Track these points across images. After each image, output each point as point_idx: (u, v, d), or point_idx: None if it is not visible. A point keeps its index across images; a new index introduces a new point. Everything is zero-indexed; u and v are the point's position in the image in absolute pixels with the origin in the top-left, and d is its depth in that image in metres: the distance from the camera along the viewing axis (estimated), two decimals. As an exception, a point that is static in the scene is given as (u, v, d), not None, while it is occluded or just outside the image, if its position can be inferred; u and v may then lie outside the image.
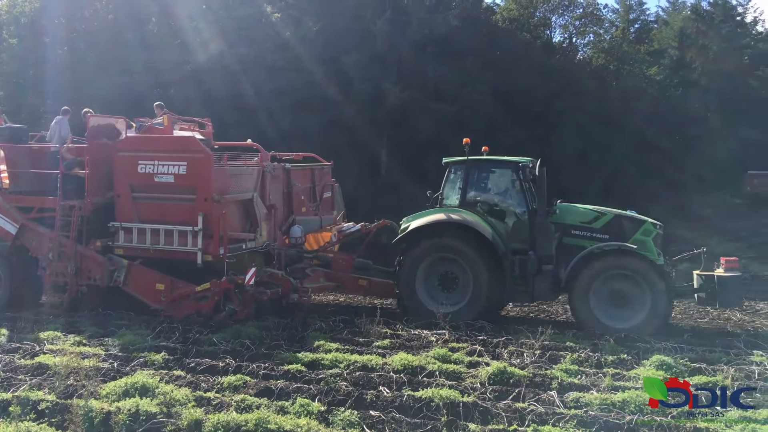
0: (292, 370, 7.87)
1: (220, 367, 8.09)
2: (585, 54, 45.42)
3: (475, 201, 11.68)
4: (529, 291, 11.07)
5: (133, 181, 11.36)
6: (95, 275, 11.56)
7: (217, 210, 10.85)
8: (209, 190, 10.89)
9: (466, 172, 11.73)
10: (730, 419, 6.23)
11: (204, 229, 10.84)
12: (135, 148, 11.59)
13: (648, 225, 11.13)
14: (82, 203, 11.57)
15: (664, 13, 52.25)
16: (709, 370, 7.98)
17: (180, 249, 11.08)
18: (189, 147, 11.34)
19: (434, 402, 6.66)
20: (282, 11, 29.30)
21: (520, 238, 11.35)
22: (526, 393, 7.07)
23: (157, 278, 11.35)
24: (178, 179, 11.08)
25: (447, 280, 11.49)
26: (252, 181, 11.77)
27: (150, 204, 11.34)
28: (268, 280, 11.29)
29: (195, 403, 6.68)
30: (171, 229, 11.08)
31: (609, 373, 7.83)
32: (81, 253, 11.53)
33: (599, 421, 6.21)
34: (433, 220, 11.43)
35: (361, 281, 12.67)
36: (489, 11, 41.83)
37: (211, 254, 10.87)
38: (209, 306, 10.86)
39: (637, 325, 10.15)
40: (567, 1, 44.27)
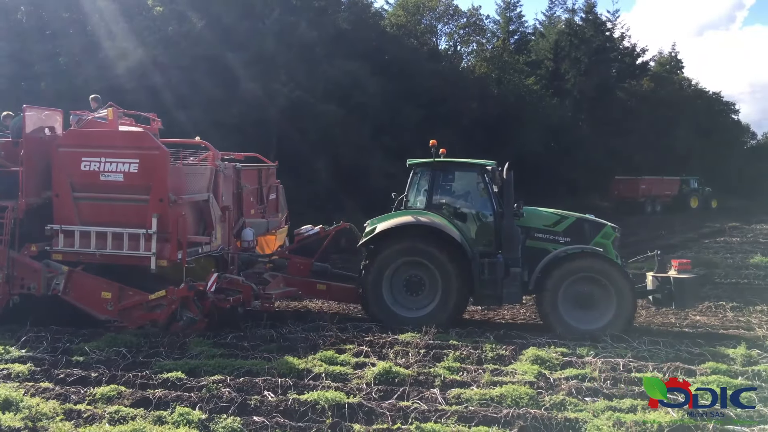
0: (171, 378, 7.58)
1: (92, 378, 7.66)
2: (469, 62, 47.11)
3: (440, 203, 11.49)
4: (497, 294, 10.94)
5: (74, 179, 10.32)
6: (29, 283, 10.47)
7: (173, 211, 10.08)
8: (165, 190, 10.07)
9: (432, 174, 11.51)
10: (597, 408, 6.66)
11: (158, 232, 10.02)
12: (78, 143, 10.48)
13: (608, 228, 11.33)
14: (15, 204, 10.38)
15: (540, 26, 55.27)
16: (579, 363, 8.48)
17: (131, 254, 10.20)
18: (142, 143, 10.41)
19: (320, 404, 6.65)
20: (165, 5, 28.15)
21: (485, 241, 11.26)
22: (410, 392, 7.21)
23: (103, 286, 10.40)
24: (129, 178, 10.16)
25: (413, 284, 11.17)
26: (205, 181, 11.03)
27: (94, 205, 10.36)
28: (227, 286, 10.64)
29: (64, 417, 6.33)
30: (120, 232, 10.18)
31: (489, 369, 8.15)
32: (13, 259, 10.41)
33: (478, 415, 6.45)
34: (401, 223, 11.08)
35: (320, 286, 12.20)
36: (377, 16, 42.42)
37: (166, 259, 10.11)
38: (165, 315, 10.10)
39: (604, 326, 10.24)
40: (452, 11, 45.74)
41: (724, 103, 62.98)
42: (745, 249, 22.57)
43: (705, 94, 60.64)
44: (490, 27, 50.81)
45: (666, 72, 57.33)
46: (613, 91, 49.55)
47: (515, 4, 53.13)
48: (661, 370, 8.11)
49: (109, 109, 11.11)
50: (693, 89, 59.67)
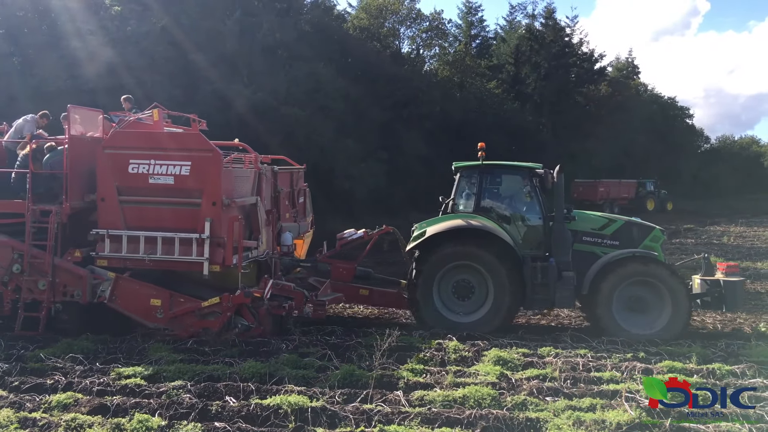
0: (130, 385, 7.44)
1: (48, 385, 7.47)
2: (431, 66, 47.41)
3: (489, 206, 11.30)
4: (549, 298, 10.75)
5: (121, 182, 9.93)
6: (73, 290, 9.99)
7: (226, 215, 9.79)
8: (218, 194, 9.74)
9: (480, 177, 11.31)
10: (558, 408, 6.76)
11: (211, 237, 9.68)
12: (125, 145, 10.02)
13: (657, 231, 11.24)
14: (59, 207, 9.97)
15: (501, 31, 55.98)
16: (540, 363, 8.59)
17: (182, 259, 9.81)
18: (195, 145, 9.99)
19: (282, 409, 6.60)
20: (122, 5, 27.66)
21: (533, 245, 11.11)
22: (374, 394, 7.20)
23: (152, 293, 9.98)
24: (180, 181, 9.79)
25: (461, 288, 10.94)
26: (249, 185, 10.68)
27: (141, 209, 9.96)
28: (278, 292, 10.34)
29: (18, 425, 6.17)
30: (171, 236, 9.78)
31: (451, 371, 8.19)
32: (56, 265, 9.96)
33: (441, 417, 6.48)
34: (452, 226, 10.80)
35: (363, 291, 11.92)
36: (340, 19, 42.41)
37: (219, 264, 9.77)
38: (219, 323, 9.78)
39: (659, 331, 10.19)
40: (414, 14, 45.97)
41: (679, 108, 64.78)
42: (699, 250, 23.06)
43: (660, 99, 62.31)
44: (453, 31, 51.33)
45: (623, 77, 58.66)
46: (572, 95, 50.51)
47: (477, 9, 53.78)
48: (620, 369, 8.28)
49: (154, 109, 10.68)
50: (649, 94, 61.27)
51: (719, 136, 77.00)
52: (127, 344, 9.44)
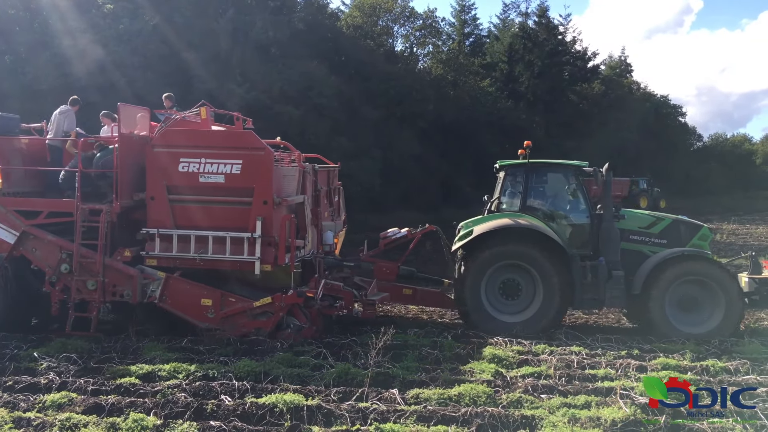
0: (125, 384, 7.41)
1: (42, 385, 7.43)
2: (425, 64, 47.41)
3: (535, 205, 11.23)
4: (599, 298, 10.67)
5: (171, 181, 9.83)
6: (123, 290, 9.92)
7: (278, 214, 9.75)
8: (269, 192, 9.67)
9: (525, 175, 11.21)
10: (553, 405, 6.78)
11: (262, 236, 9.62)
12: (175, 143, 9.91)
13: (705, 230, 11.20)
14: (109, 207, 9.90)
15: (495, 29, 56.02)
16: (534, 361, 8.62)
17: (234, 258, 9.75)
18: (246, 143, 9.86)
19: (278, 407, 6.59)
20: (115, 2, 27.53)
21: (580, 243, 11.02)
22: (369, 392, 7.20)
23: (203, 292, 9.88)
24: (231, 179, 9.69)
25: (508, 288, 10.87)
26: (294, 183, 10.54)
27: (191, 208, 9.88)
28: (327, 292, 10.27)
29: (13, 425, 6.14)
30: (223, 236, 9.72)
31: (447, 369, 8.21)
32: (107, 265, 9.88)
33: (437, 415, 6.48)
34: (499, 226, 10.70)
35: (406, 290, 11.84)
36: (334, 17, 42.36)
37: (271, 263, 9.71)
38: (272, 323, 9.73)
39: (712, 330, 10.13)
40: (408, 13, 45.96)
41: (672, 106, 65.02)
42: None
43: (653, 97, 62.51)
44: (446, 29, 51.27)
45: (616, 75, 58.82)
46: (566, 93, 50.58)
47: (470, 7, 53.74)
48: (614, 367, 8.31)
49: (202, 107, 10.58)
50: (642, 92, 61.44)
51: (712, 134, 77.44)
52: (122, 343, 9.40)
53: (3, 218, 10.17)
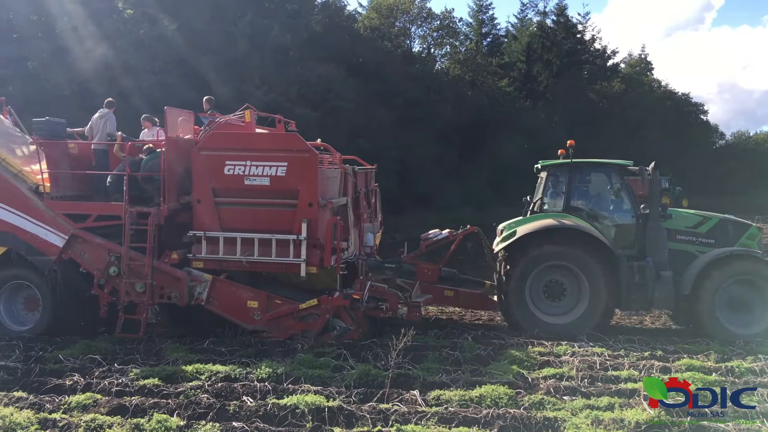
0: (148, 385, 7.49)
1: (67, 386, 7.54)
2: (442, 65, 47.36)
3: (579, 205, 11.11)
4: (647, 299, 10.52)
5: (217, 184, 9.93)
6: (171, 292, 10.04)
7: (323, 216, 9.80)
8: (315, 195, 9.73)
9: (569, 175, 11.10)
10: (576, 407, 6.72)
11: (308, 238, 9.66)
12: (221, 146, 10.01)
13: (753, 229, 11.04)
14: (157, 210, 10.03)
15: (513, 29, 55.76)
16: (556, 362, 8.56)
17: (280, 260, 9.82)
18: (292, 145, 9.93)
19: (299, 409, 6.61)
20: (135, 8, 27.84)
21: (626, 244, 10.88)
22: (390, 394, 7.20)
23: (249, 294, 10.00)
24: (276, 182, 9.76)
25: (552, 289, 10.77)
26: (337, 185, 10.55)
27: (237, 210, 9.99)
28: (371, 294, 10.25)
29: (39, 426, 6.22)
30: (269, 238, 9.79)
31: (467, 370, 8.18)
32: (155, 267, 10.02)
33: (458, 416, 6.47)
34: (544, 226, 10.60)
35: (448, 292, 11.77)
36: (351, 19, 42.47)
37: (316, 265, 9.77)
38: (319, 325, 9.78)
39: (763, 330, 9.98)
40: (425, 14, 45.96)
41: (693, 104, 64.17)
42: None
43: (674, 95, 61.74)
44: (463, 29, 51.17)
45: (636, 74, 58.24)
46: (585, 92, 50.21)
47: (487, 7, 53.56)
48: (637, 368, 8.23)
49: (246, 110, 10.72)
50: (662, 90, 60.72)
51: (734, 132, 76.13)
52: (145, 345, 9.51)
53: (52, 222, 10.27)
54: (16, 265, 10.47)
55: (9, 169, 10.56)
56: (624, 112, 49.48)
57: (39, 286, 10.44)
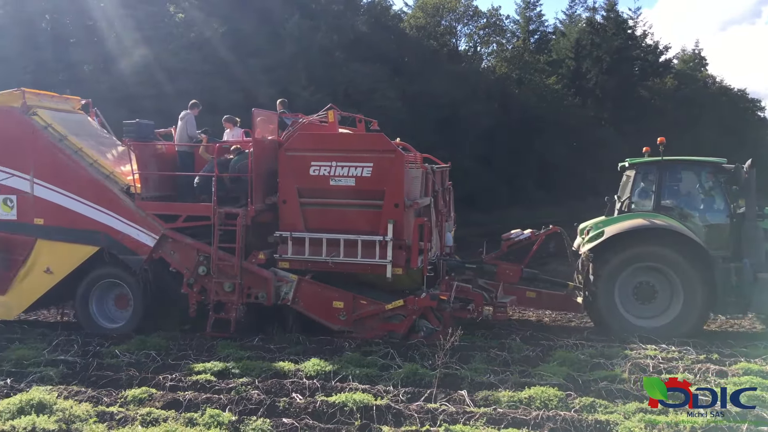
0: (201, 381, 7.64)
1: (123, 380, 7.75)
2: (489, 62, 46.99)
3: (669, 204, 10.78)
4: (744, 302, 10.18)
5: (302, 184, 10.00)
6: (257, 292, 10.14)
7: (408, 217, 9.74)
8: (401, 195, 9.66)
9: (659, 173, 10.79)
10: (628, 410, 6.58)
11: (393, 239, 9.64)
12: (307, 147, 10.05)
13: None
14: (245, 210, 10.19)
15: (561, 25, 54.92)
16: (607, 364, 8.39)
17: (365, 262, 9.81)
18: (378, 146, 9.90)
19: (348, 406, 6.64)
20: (186, 12, 28.51)
21: (719, 245, 10.47)
22: (438, 393, 7.18)
23: (334, 295, 10.00)
24: (361, 182, 9.75)
25: (642, 291, 10.45)
26: (419, 185, 10.45)
27: (322, 211, 10.03)
28: (457, 294, 10.15)
29: (97, 419, 6.38)
30: (354, 239, 9.80)
31: (516, 371, 8.09)
32: (243, 267, 10.15)
33: (507, 417, 6.39)
34: (634, 226, 10.30)
35: (530, 293, 11.53)
36: (397, 18, 42.53)
37: (402, 267, 9.74)
38: (405, 326, 9.72)
39: None
40: (471, 12, 45.70)
41: (750, 100, 62.14)
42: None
43: (730, 91, 59.89)
44: (510, 27, 50.65)
45: (689, 69, 56.72)
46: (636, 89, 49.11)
47: (535, 4, 52.89)
48: (692, 371, 8.00)
49: (329, 111, 10.81)
50: (717, 86, 58.98)
51: (793, 129, 73.43)
52: (197, 341, 9.71)
53: (143, 222, 10.47)
54: (108, 264, 10.72)
55: (101, 170, 10.80)
56: (677, 109, 48.22)
57: (130, 284, 10.69)
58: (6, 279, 10.85)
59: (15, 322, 11.09)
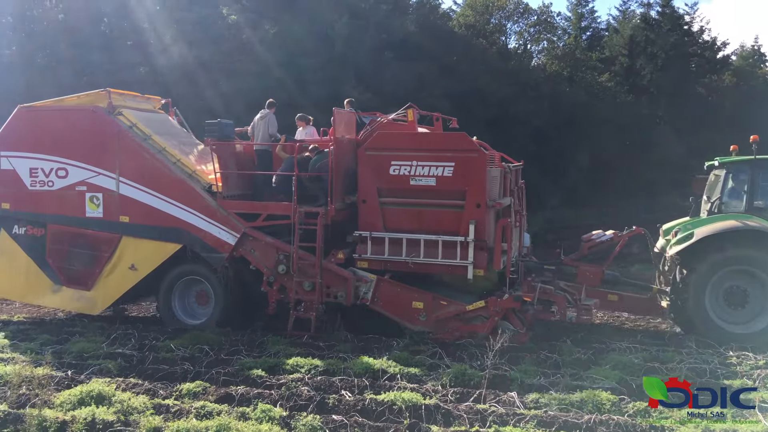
0: (252, 376, 7.80)
1: (178, 374, 7.97)
2: (539, 60, 46.31)
3: (763, 205, 10.44)
4: None
5: (382, 184, 10.03)
6: (337, 291, 10.21)
7: (489, 217, 9.70)
8: (483, 195, 9.62)
9: (752, 173, 10.48)
10: (684, 416, 6.42)
11: (475, 240, 9.59)
12: (388, 146, 10.07)
13: None
14: (325, 210, 10.27)
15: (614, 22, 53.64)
16: (662, 369, 8.18)
17: (445, 262, 9.78)
18: (460, 145, 9.86)
19: (396, 405, 6.68)
20: (239, 13, 29.00)
21: None
22: (487, 394, 7.14)
23: (413, 295, 9.96)
24: (442, 182, 9.73)
25: (733, 295, 10.12)
26: (497, 184, 10.30)
27: (401, 210, 10.04)
28: (540, 296, 10.08)
29: (153, 411, 6.57)
30: (435, 239, 9.81)
31: (567, 374, 7.98)
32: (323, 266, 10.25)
33: (558, 420, 6.32)
34: (726, 228, 9.99)
35: (611, 296, 11.15)
36: (445, 17, 42.30)
37: (484, 268, 9.70)
38: (488, 327, 9.59)
39: None
40: (521, 9, 45.11)
41: (814, 97, 59.50)
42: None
43: (792, 87, 57.47)
44: (562, 24, 49.74)
45: (749, 66, 54.65)
46: (693, 86, 47.57)
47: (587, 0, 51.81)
48: (751, 377, 7.77)
49: (409, 109, 10.85)
50: (778, 83, 56.67)
51: None
52: (248, 337, 9.89)
53: (225, 220, 10.63)
54: (190, 261, 10.96)
55: (184, 169, 11.05)
56: (736, 107, 46.49)
57: (211, 281, 10.90)
58: (92, 275, 11.16)
59: (76, 317, 11.48)
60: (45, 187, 11.19)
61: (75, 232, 11.15)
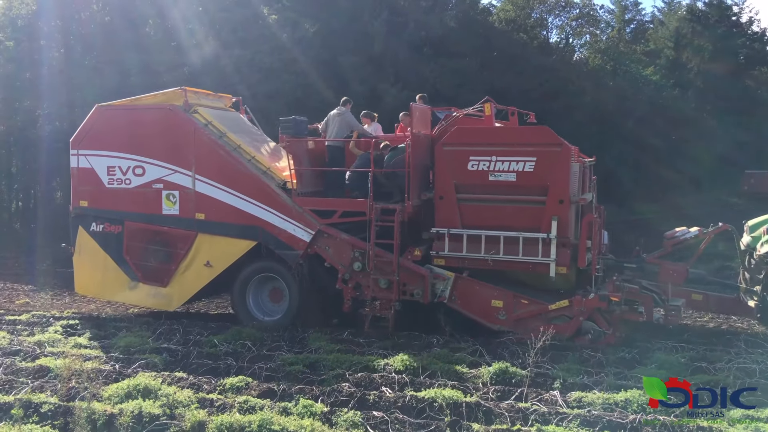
0: (294, 371, 7.88)
1: (221, 369, 8.11)
2: (581, 54, 45.55)
3: None
4: None
5: (460, 180, 9.87)
6: (413, 289, 10.09)
7: (571, 213, 9.50)
8: (566, 191, 9.39)
9: None
10: (733, 418, 6.25)
11: (558, 237, 9.40)
12: (466, 141, 9.89)
13: None
14: (402, 206, 10.18)
15: (659, 14, 52.40)
16: (710, 369, 7.99)
17: (527, 260, 9.57)
18: (542, 139, 9.61)
19: (437, 402, 6.66)
20: (278, 13, 29.28)
21: None
22: (529, 393, 7.08)
23: (493, 294, 9.81)
24: (522, 178, 9.50)
25: None
26: (577, 180, 10.01)
27: (479, 207, 9.85)
28: (625, 296, 9.68)
29: (198, 405, 6.69)
30: (516, 236, 9.60)
31: (611, 373, 7.85)
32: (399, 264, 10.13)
33: (602, 420, 6.22)
34: None
35: (695, 296, 10.70)
36: (485, 12, 41.91)
37: (566, 266, 9.50)
38: (572, 328, 9.39)
39: None
40: (563, 2, 44.42)
41: None
42: None
43: None
44: (605, 17, 48.84)
45: (801, 57, 52.75)
46: (742, 79, 46.17)
47: (631, -8, 50.75)
48: (805, 379, 7.50)
49: (486, 104, 10.74)
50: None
51: None
52: (289, 333, 10.00)
53: (300, 217, 10.61)
54: (265, 258, 10.97)
55: (258, 166, 11.13)
56: (787, 99, 44.99)
57: (285, 278, 10.87)
58: (168, 271, 11.31)
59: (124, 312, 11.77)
60: (122, 185, 11.37)
61: (152, 229, 11.30)
